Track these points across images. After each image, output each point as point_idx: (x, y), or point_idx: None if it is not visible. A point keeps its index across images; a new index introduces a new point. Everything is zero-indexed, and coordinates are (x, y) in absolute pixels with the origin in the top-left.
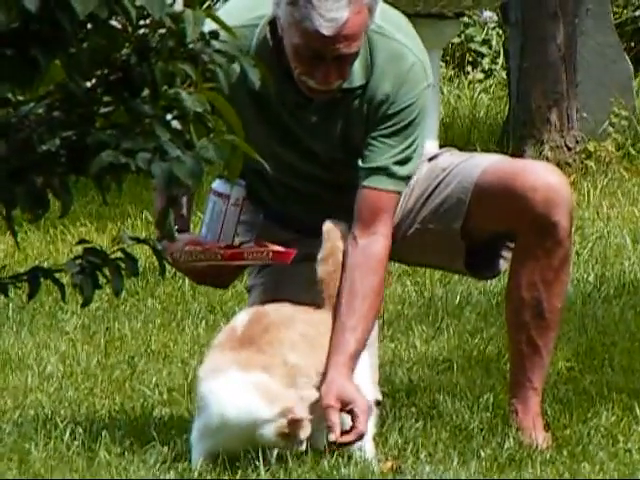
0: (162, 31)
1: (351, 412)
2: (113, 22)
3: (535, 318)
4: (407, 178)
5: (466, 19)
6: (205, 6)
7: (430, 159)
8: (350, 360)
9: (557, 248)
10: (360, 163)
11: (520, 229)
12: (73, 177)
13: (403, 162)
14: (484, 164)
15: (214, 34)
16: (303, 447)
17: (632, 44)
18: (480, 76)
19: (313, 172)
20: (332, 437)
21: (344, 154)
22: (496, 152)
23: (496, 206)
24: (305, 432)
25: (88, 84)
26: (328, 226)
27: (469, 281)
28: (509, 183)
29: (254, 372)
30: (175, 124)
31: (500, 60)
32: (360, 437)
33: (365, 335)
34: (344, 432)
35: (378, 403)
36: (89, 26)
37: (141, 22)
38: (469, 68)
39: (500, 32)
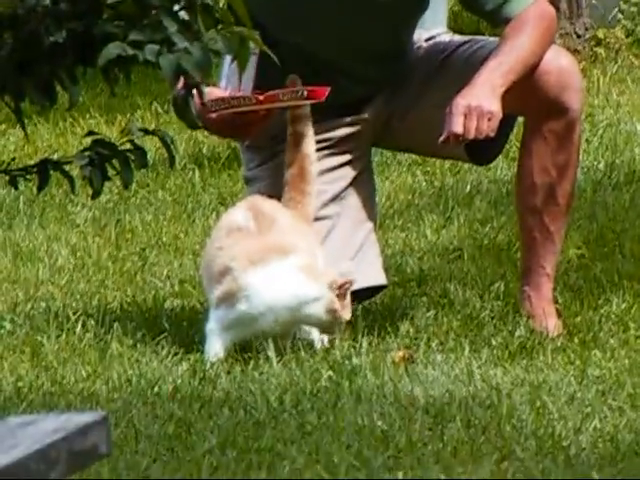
0: None
1: (449, 111)
2: None
3: (548, 203)
4: None
5: None
6: None
7: (427, 39)
8: (500, 66)
9: (569, 131)
10: (487, 7)
11: (531, 112)
12: (81, 68)
13: None
14: (492, 46)
15: None
16: (341, 333)
17: None
18: None
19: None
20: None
21: None
22: None
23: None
24: (348, 312)
25: None
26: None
27: (479, 170)
28: None
29: (291, 255)
30: (183, 15)
31: None
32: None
33: (529, 52)
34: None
35: (383, 287)
36: None
37: None
38: None
39: None
